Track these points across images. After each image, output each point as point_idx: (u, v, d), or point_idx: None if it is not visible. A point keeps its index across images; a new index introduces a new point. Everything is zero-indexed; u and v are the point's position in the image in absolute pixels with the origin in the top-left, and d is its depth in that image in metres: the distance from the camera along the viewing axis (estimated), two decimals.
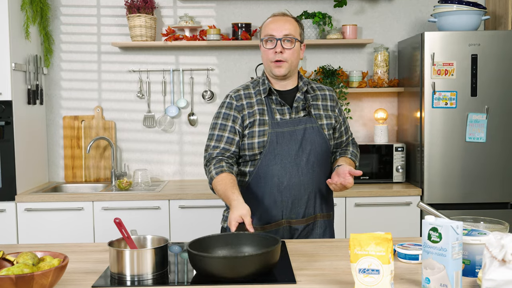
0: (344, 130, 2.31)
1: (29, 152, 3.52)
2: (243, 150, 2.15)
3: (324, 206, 2.19)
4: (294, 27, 2.14)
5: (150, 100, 3.89)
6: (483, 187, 3.35)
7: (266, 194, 2.11)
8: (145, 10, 3.67)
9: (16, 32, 3.35)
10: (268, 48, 2.12)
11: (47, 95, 3.85)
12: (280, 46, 2.10)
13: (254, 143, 2.11)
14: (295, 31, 2.14)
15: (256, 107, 2.15)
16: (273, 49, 2.11)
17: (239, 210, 1.89)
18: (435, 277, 1.41)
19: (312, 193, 2.13)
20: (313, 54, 3.89)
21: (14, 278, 1.34)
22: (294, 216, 2.13)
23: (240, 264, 1.56)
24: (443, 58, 3.31)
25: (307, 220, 2.15)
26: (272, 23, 2.14)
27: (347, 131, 2.35)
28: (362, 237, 1.42)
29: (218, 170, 2.07)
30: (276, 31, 2.11)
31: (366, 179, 3.58)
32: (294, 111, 2.15)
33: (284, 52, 2.11)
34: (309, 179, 2.12)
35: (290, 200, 2.10)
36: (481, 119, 3.32)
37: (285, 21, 2.13)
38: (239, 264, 1.56)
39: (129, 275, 1.60)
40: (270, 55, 2.12)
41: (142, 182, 3.61)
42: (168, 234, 3.32)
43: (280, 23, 2.12)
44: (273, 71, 2.14)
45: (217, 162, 2.10)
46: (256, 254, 1.60)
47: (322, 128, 2.16)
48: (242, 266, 1.56)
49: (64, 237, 3.28)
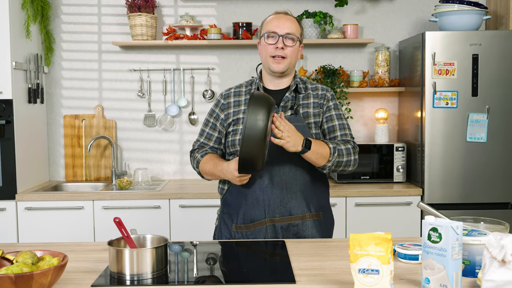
0: (331, 127, 2.17)
1: (30, 151, 3.53)
2: (228, 148, 2.20)
3: (312, 206, 2.14)
4: (296, 27, 2.16)
5: (151, 99, 3.89)
6: (484, 187, 3.35)
7: (249, 193, 2.12)
8: (146, 9, 3.67)
9: (16, 31, 3.35)
10: (269, 43, 2.12)
11: (47, 94, 3.85)
12: (281, 43, 2.11)
13: (236, 140, 2.15)
14: (296, 30, 2.15)
15: (243, 106, 2.19)
16: (275, 44, 2.11)
17: (234, 162, 2.00)
18: (435, 277, 1.41)
19: (296, 193, 2.11)
20: (314, 53, 3.89)
21: (13, 277, 1.34)
22: (278, 216, 2.11)
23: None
24: (444, 58, 3.30)
25: (292, 219, 2.12)
26: (275, 20, 2.15)
27: (340, 129, 2.17)
28: (362, 237, 1.41)
29: (202, 153, 2.21)
30: (279, 28, 2.12)
31: (367, 179, 3.57)
32: (281, 110, 2.15)
33: (286, 48, 2.11)
34: (291, 178, 2.11)
35: (272, 199, 2.10)
36: (482, 119, 3.31)
37: (287, 19, 2.15)
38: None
39: (129, 275, 1.60)
40: (270, 49, 2.12)
41: (143, 181, 3.61)
42: (168, 233, 3.32)
43: (283, 21, 2.13)
44: (272, 67, 2.13)
45: (200, 150, 2.24)
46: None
47: (309, 126, 2.14)
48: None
49: (65, 236, 3.28)
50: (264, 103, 1.85)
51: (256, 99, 1.86)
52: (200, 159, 2.19)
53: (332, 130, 2.18)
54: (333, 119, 2.19)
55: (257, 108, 1.83)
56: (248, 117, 1.82)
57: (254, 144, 1.82)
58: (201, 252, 1.93)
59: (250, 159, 1.85)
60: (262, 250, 1.97)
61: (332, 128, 2.18)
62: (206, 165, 2.15)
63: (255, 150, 1.83)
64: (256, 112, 1.83)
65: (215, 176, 2.15)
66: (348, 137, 2.19)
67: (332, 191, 3.25)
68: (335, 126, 2.18)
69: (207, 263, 1.81)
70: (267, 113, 1.84)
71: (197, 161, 2.20)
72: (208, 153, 2.20)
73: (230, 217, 2.18)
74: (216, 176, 2.15)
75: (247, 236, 2.13)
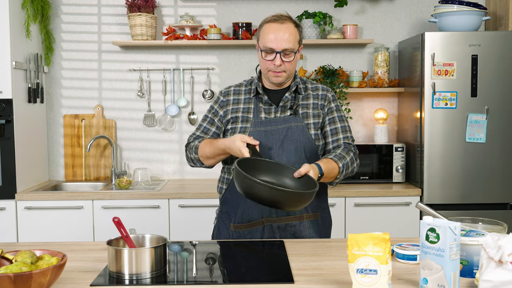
0: (333, 130, 2.18)
1: (30, 150, 3.53)
2: None
3: (309, 206, 2.13)
4: (294, 36, 2.07)
5: (151, 99, 3.89)
6: (483, 187, 3.35)
7: None
8: (146, 9, 3.68)
9: (17, 30, 3.36)
10: (267, 59, 2.09)
11: (47, 93, 3.86)
12: (279, 59, 2.06)
13: None
14: (294, 41, 2.07)
15: (242, 104, 2.19)
16: (272, 61, 2.08)
17: (235, 138, 1.99)
18: (433, 277, 1.41)
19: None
20: (313, 54, 3.89)
21: (12, 277, 1.35)
22: (275, 215, 2.11)
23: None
24: (443, 58, 3.31)
25: (289, 219, 2.12)
26: (272, 33, 2.06)
27: (342, 132, 2.19)
28: (360, 237, 1.42)
29: (200, 140, 2.21)
30: (275, 44, 2.05)
31: (366, 179, 3.58)
32: (280, 110, 2.15)
33: (283, 64, 2.08)
34: None
35: None
36: (481, 120, 3.32)
37: (285, 31, 2.05)
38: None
39: (128, 274, 1.60)
40: (269, 65, 2.10)
41: (142, 181, 3.61)
42: (167, 233, 3.33)
43: (279, 34, 2.05)
44: (271, 80, 2.13)
45: (196, 140, 2.23)
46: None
47: (308, 127, 2.14)
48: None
49: (64, 235, 3.29)
50: (243, 180, 1.81)
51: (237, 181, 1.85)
52: (198, 145, 2.18)
53: (334, 132, 2.18)
54: (336, 122, 2.19)
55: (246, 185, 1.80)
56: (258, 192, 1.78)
57: (278, 196, 1.78)
58: (200, 252, 1.94)
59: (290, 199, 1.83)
60: (260, 250, 1.97)
61: (335, 130, 2.18)
62: (205, 147, 2.14)
63: (282, 196, 1.79)
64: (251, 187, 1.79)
65: (216, 154, 2.12)
66: (350, 140, 2.20)
67: (331, 191, 3.26)
68: (337, 128, 2.18)
69: (206, 263, 1.82)
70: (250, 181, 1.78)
71: (195, 147, 2.18)
72: (205, 138, 2.20)
73: (228, 216, 2.18)
74: (217, 154, 2.12)
75: (244, 235, 2.14)
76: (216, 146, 2.10)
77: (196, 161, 2.21)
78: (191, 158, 2.22)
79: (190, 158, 2.23)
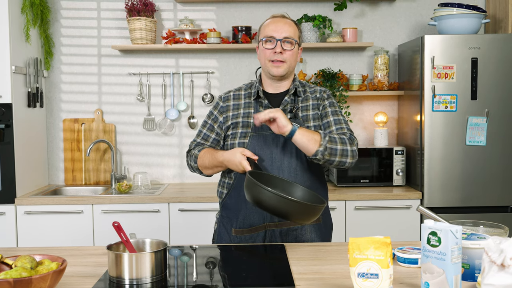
0: (326, 124, 2.14)
1: (29, 155, 3.52)
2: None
3: None
4: (294, 30, 2.15)
5: (150, 103, 3.89)
6: (483, 190, 3.35)
7: None
8: (145, 13, 3.68)
9: (16, 35, 3.36)
10: (268, 48, 2.13)
11: (47, 98, 3.85)
12: (280, 47, 2.10)
13: (235, 143, 2.15)
14: (294, 33, 2.15)
15: (242, 109, 2.19)
16: (273, 49, 2.11)
17: (235, 151, 2.01)
18: (435, 281, 1.40)
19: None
20: (313, 57, 3.89)
21: (12, 282, 1.34)
22: (277, 220, 2.10)
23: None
24: (443, 61, 3.31)
25: (291, 224, 2.10)
26: (272, 24, 2.14)
27: (335, 124, 2.13)
28: (361, 241, 1.41)
29: (199, 148, 2.22)
30: (276, 32, 2.11)
31: (366, 183, 3.57)
32: None
33: (284, 53, 2.11)
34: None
35: None
36: (481, 123, 3.32)
37: (285, 23, 2.14)
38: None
39: (128, 279, 1.59)
40: (269, 54, 2.12)
41: (142, 185, 3.61)
42: (167, 237, 3.32)
43: (280, 25, 2.13)
44: (271, 71, 2.13)
45: (196, 148, 2.23)
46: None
47: None
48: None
49: (64, 240, 3.28)
50: (253, 189, 1.84)
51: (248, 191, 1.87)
52: (198, 154, 2.19)
53: (327, 125, 2.13)
54: (328, 115, 2.15)
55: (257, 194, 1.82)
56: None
57: (285, 205, 1.80)
58: (201, 256, 1.93)
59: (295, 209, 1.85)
60: (261, 254, 1.97)
61: (327, 124, 2.14)
62: (204, 158, 2.15)
63: (288, 206, 1.81)
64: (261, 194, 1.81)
65: (215, 166, 2.13)
66: (345, 130, 2.11)
67: (332, 195, 3.25)
68: (330, 121, 2.13)
69: (207, 267, 1.81)
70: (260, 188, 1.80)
71: (195, 156, 2.20)
72: (205, 148, 2.20)
73: (230, 221, 2.17)
74: (215, 166, 2.12)
75: (246, 240, 2.13)
76: (215, 158, 2.11)
77: (196, 169, 2.24)
78: (191, 165, 2.25)
79: (190, 165, 2.26)
